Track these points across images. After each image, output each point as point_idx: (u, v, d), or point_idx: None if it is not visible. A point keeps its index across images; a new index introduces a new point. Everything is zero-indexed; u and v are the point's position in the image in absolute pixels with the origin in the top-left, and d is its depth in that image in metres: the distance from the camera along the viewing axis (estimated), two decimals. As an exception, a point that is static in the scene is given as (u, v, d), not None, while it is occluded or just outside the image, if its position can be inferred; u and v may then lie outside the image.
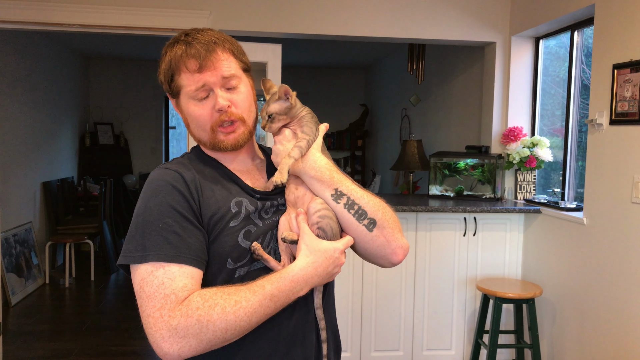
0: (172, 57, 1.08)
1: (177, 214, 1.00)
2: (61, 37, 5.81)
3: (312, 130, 1.10)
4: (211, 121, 1.08)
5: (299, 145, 1.08)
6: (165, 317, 0.92)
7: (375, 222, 1.06)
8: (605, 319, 2.67)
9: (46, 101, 5.74)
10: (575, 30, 3.22)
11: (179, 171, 1.05)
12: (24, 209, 5.14)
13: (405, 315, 3.31)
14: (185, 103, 1.10)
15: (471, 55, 4.24)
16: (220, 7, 3.45)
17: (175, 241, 0.98)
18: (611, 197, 2.63)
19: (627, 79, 2.51)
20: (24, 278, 4.83)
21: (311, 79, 7.94)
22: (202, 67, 1.05)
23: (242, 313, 0.94)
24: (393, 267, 1.13)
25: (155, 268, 0.96)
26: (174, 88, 1.09)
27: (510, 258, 3.39)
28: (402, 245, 1.10)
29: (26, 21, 3.27)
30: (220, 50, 1.07)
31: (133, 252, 0.98)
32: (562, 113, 3.46)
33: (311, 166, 1.08)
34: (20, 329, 4.03)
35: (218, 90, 1.07)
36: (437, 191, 3.73)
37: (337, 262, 1.06)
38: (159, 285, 0.94)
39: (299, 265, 1.02)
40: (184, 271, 0.96)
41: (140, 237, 0.99)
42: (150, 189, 1.03)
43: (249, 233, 1.06)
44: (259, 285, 0.98)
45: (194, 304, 0.93)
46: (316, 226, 1.06)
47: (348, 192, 1.07)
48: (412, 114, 5.82)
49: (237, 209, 1.06)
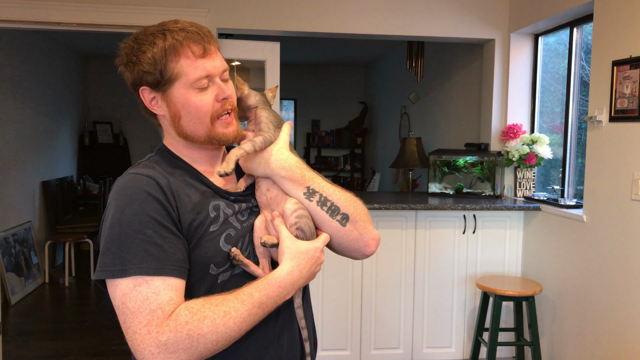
0: (170, 43, 1.01)
1: (156, 223, 0.95)
2: (60, 36, 5.80)
3: (269, 128, 1.09)
4: (212, 111, 1.04)
5: (253, 140, 1.06)
6: (153, 334, 0.89)
7: (348, 216, 1.07)
8: (605, 316, 2.67)
9: (45, 100, 5.73)
10: (575, 27, 3.21)
11: (152, 176, 1.00)
12: (23, 209, 5.14)
13: (405, 313, 3.31)
14: (182, 93, 1.02)
15: (470, 53, 4.23)
16: (218, 5, 3.44)
17: (157, 253, 0.94)
18: (611, 194, 2.62)
19: (627, 75, 2.51)
20: (23, 277, 4.83)
21: (310, 77, 7.93)
22: (206, 52, 1.02)
23: (232, 323, 0.93)
24: (365, 258, 1.16)
25: (137, 282, 0.92)
26: (168, 76, 1.01)
27: (510, 256, 3.39)
28: (374, 237, 1.11)
29: (24, 20, 3.26)
30: (214, 40, 1.06)
31: (110, 266, 0.93)
32: (562, 110, 3.45)
33: (281, 166, 1.06)
34: (20, 329, 4.03)
35: (218, 80, 1.05)
36: (436, 189, 3.73)
37: (318, 261, 1.06)
38: (144, 301, 0.91)
39: (285, 270, 1.01)
40: (168, 284, 0.93)
41: (118, 250, 0.93)
42: (124, 197, 0.98)
43: (230, 237, 1.04)
44: (246, 294, 0.96)
45: (183, 317, 0.91)
46: (295, 227, 1.05)
47: (320, 190, 1.07)
48: (411, 111, 5.81)
49: (216, 213, 1.04)
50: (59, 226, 5.62)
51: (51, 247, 5.50)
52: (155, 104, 1.07)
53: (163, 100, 1.05)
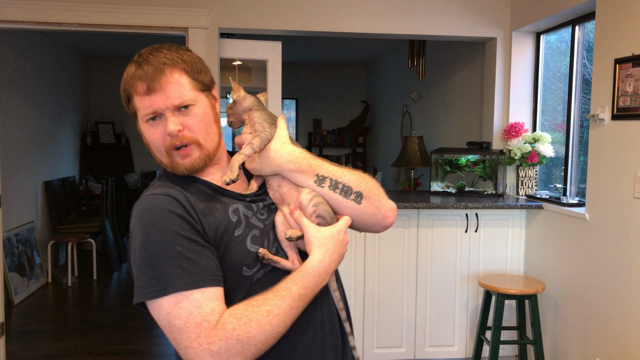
0: (125, 78, 1.07)
1: (183, 238, 0.97)
2: (61, 36, 5.80)
3: (264, 127, 1.10)
4: (164, 144, 1.06)
5: (250, 143, 1.08)
6: (204, 345, 0.92)
7: (362, 194, 1.09)
8: (608, 314, 2.67)
9: (47, 101, 5.74)
10: (577, 25, 3.21)
11: (169, 194, 1.03)
12: (25, 209, 5.14)
13: (407, 311, 3.31)
14: (141, 125, 1.09)
15: (472, 51, 4.22)
16: (220, 4, 3.44)
17: (190, 267, 0.96)
18: (613, 192, 2.62)
19: (629, 73, 2.50)
20: (26, 277, 4.84)
21: (312, 76, 7.93)
22: (150, 90, 1.03)
23: (277, 320, 0.96)
24: (386, 229, 1.17)
25: (178, 300, 0.94)
26: (131, 110, 1.09)
27: (512, 254, 3.39)
28: (390, 208, 1.14)
29: (26, 20, 3.27)
30: (170, 71, 1.04)
31: (148, 288, 0.95)
32: (563, 108, 3.45)
33: (287, 160, 1.08)
34: (23, 329, 4.04)
35: (169, 115, 1.04)
36: (438, 187, 3.73)
37: (344, 242, 1.09)
38: (188, 316, 0.93)
39: (316, 259, 1.03)
40: (207, 295, 0.95)
41: (151, 271, 0.96)
42: (147, 219, 0.99)
43: (255, 237, 1.06)
44: (285, 289, 0.99)
45: (229, 325, 0.93)
46: (314, 215, 1.08)
47: (329, 174, 1.09)
48: (413, 110, 5.80)
49: (237, 217, 1.06)
50: (62, 226, 5.63)
51: (54, 247, 5.51)
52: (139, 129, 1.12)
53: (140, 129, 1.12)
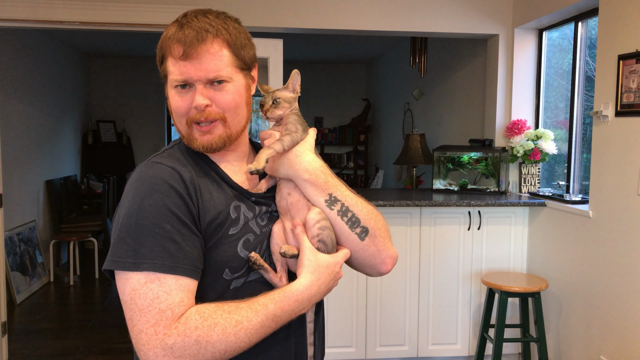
0: (163, 37, 1.00)
1: (175, 218, 0.91)
2: (62, 35, 5.80)
3: (297, 129, 1.04)
4: (187, 115, 0.99)
5: (281, 139, 1.02)
6: (160, 335, 0.86)
7: (368, 230, 1.02)
8: (611, 312, 2.65)
9: (48, 100, 5.73)
10: (579, 21, 3.19)
11: (175, 168, 0.96)
12: (27, 208, 5.14)
13: (410, 310, 3.30)
14: (168, 90, 1.01)
15: (474, 48, 4.21)
16: (221, 2, 3.43)
17: (174, 250, 0.90)
18: (617, 189, 2.61)
19: (633, 69, 2.49)
20: (28, 276, 4.84)
21: (313, 74, 7.91)
22: (186, 55, 0.96)
23: (242, 334, 0.89)
24: (380, 276, 1.10)
25: (149, 279, 0.88)
26: (163, 71, 1.02)
27: (515, 252, 3.38)
28: (391, 255, 1.06)
29: (26, 19, 3.26)
30: (210, 41, 0.97)
31: (123, 257, 0.89)
32: (565, 105, 3.43)
33: (305, 168, 1.01)
34: (25, 328, 4.04)
35: (200, 87, 0.98)
36: (441, 185, 3.71)
37: (337, 276, 1.02)
38: (154, 299, 0.87)
39: (303, 284, 0.97)
40: (180, 283, 0.89)
41: (133, 242, 0.89)
42: (144, 187, 0.93)
43: (248, 242, 0.99)
44: (261, 305, 0.92)
45: (192, 322, 0.87)
46: (317, 239, 1.01)
47: (342, 198, 1.02)
48: (414, 108, 5.79)
49: (237, 214, 1.00)
50: (63, 225, 5.63)
51: (56, 246, 5.51)
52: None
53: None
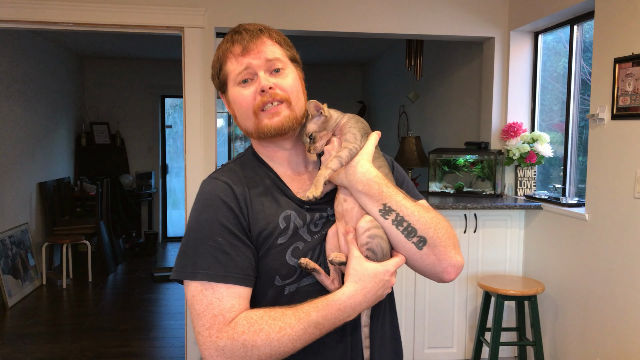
0: (221, 49, 1.09)
1: (227, 231, 1.00)
2: (56, 36, 5.76)
3: (356, 138, 1.04)
4: (253, 104, 1.05)
5: (338, 156, 1.02)
6: (213, 337, 0.95)
7: (426, 240, 1.01)
8: (608, 315, 2.65)
9: (41, 101, 5.69)
10: (575, 25, 3.19)
11: (229, 183, 1.05)
12: (20, 210, 5.10)
13: (406, 313, 3.29)
14: (232, 92, 1.08)
15: (470, 51, 4.21)
16: (216, 4, 3.41)
17: (225, 260, 0.98)
18: (613, 192, 2.60)
19: (629, 72, 2.49)
20: (20, 279, 4.79)
21: (308, 76, 7.80)
22: (245, 50, 1.05)
23: (286, 340, 0.95)
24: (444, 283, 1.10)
25: (204, 287, 0.98)
26: (222, 79, 1.09)
27: (512, 255, 3.37)
28: (454, 264, 1.04)
29: (20, 20, 3.23)
30: (265, 37, 1.07)
31: (185, 268, 1.00)
32: (560, 108, 3.44)
33: (359, 179, 1.01)
34: (17, 331, 4.00)
35: (261, 73, 1.05)
36: (436, 188, 3.71)
37: (387, 284, 1.01)
38: (208, 305, 0.97)
39: (346, 293, 0.98)
40: (232, 291, 0.98)
41: (192, 254, 1.00)
42: (201, 203, 1.04)
43: (297, 250, 1.03)
44: (304, 312, 0.96)
45: (240, 327, 0.95)
46: (365, 247, 1.00)
47: (397, 208, 1.01)
48: (410, 110, 5.79)
49: (286, 224, 1.04)
50: (56, 228, 5.59)
51: (48, 249, 5.46)
52: (227, 105, 1.13)
53: (227, 104, 1.12)
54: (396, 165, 1.19)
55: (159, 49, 6.49)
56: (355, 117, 1.07)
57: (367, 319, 1.06)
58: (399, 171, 1.18)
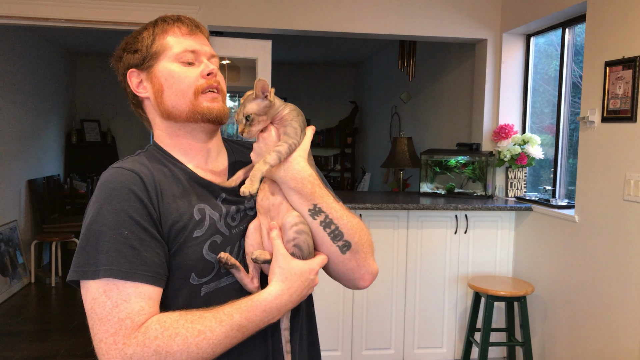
0: (160, 26, 1.05)
1: (134, 223, 0.89)
2: (47, 33, 5.71)
3: (296, 132, 0.98)
4: (197, 85, 1.01)
5: (277, 150, 0.95)
6: (119, 345, 0.84)
7: (350, 245, 0.98)
8: (596, 316, 2.67)
9: (31, 98, 5.64)
10: (567, 28, 3.21)
11: (136, 171, 0.94)
12: (8, 207, 5.05)
13: (396, 313, 3.30)
14: (165, 66, 1.01)
15: (462, 52, 4.22)
16: (209, 2, 3.40)
17: (131, 256, 0.88)
18: (603, 194, 2.63)
19: (619, 76, 2.51)
20: (8, 277, 4.75)
21: (301, 76, 7.90)
22: (192, 32, 1.05)
23: (205, 344, 0.86)
24: (356, 290, 1.07)
25: (108, 287, 0.86)
26: (153, 51, 1.01)
27: (502, 256, 3.39)
28: (371, 272, 1.03)
29: (10, 15, 3.20)
30: (204, 34, 1.08)
31: (84, 267, 0.88)
32: (551, 111, 3.46)
33: (293, 176, 0.96)
34: (5, 330, 3.96)
35: (204, 59, 1.04)
36: (428, 189, 3.72)
37: (311, 284, 0.98)
38: (113, 308, 0.85)
39: (272, 293, 0.93)
40: (140, 291, 0.87)
41: (93, 250, 0.88)
42: (104, 193, 0.92)
43: (215, 244, 0.96)
44: (226, 314, 0.89)
45: (152, 332, 0.85)
46: (292, 243, 0.96)
47: (327, 210, 0.97)
48: (402, 111, 5.80)
49: (201, 216, 0.96)
50: (45, 225, 5.54)
51: (37, 247, 5.42)
52: (141, 86, 1.05)
53: (148, 80, 1.03)
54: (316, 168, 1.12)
55: (151, 47, 6.46)
56: (296, 109, 1.02)
57: (287, 321, 1.00)
58: (319, 173, 1.12)
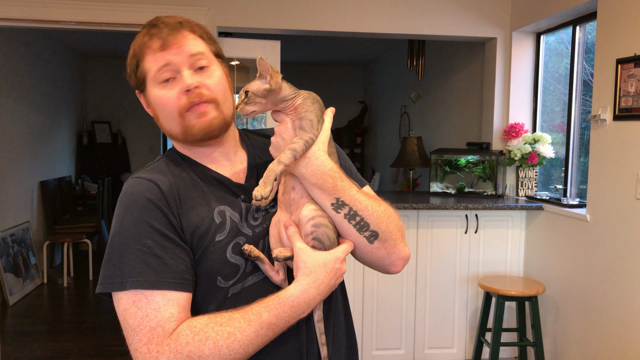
0: (135, 43, 0.99)
1: (155, 232, 0.90)
2: (58, 35, 5.76)
3: (312, 125, 0.94)
4: (178, 105, 0.95)
5: (292, 148, 0.92)
6: (153, 353, 0.85)
7: (378, 234, 0.97)
8: (608, 316, 2.65)
9: (43, 100, 5.70)
10: (577, 25, 3.19)
11: (154, 180, 0.95)
12: (21, 209, 5.10)
13: (406, 313, 3.29)
14: (151, 91, 0.98)
15: (472, 51, 4.21)
16: (219, 3, 3.41)
17: (156, 265, 0.88)
18: (615, 193, 2.60)
19: (631, 73, 2.48)
20: (21, 278, 4.80)
21: (310, 76, 7.90)
22: (165, 45, 0.95)
23: (236, 345, 0.87)
24: (388, 274, 1.05)
25: (137, 298, 0.87)
26: (140, 77, 0.99)
27: (512, 255, 3.37)
28: (402, 257, 1.01)
29: (22, 19, 3.23)
30: (186, 30, 0.98)
31: (111, 279, 0.89)
32: (562, 109, 3.43)
33: (313, 172, 0.94)
34: (18, 330, 4.00)
35: (185, 70, 0.96)
36: (438, 188, 3.70)
37: (338, 273, 0.96)
38: (143, 318, 0.87)
39: (299, 288, 0.91)
40: (168, 298, 0.88)
41: (118, 262, 0.89)
42: (124, 204, 0.93)
43: (238, 246, 0.95)
44: (255, 313, 0.89)
45: (183, 338, 0.86)
46: (311, 236, 0.94)
47: (351, 202, 0.95)
48: (411, 110, 5.78)
49: (221, 219, 0.96)
50: (57, 226, 5.59)
51: (49, 248, 5.47)
52: (146, 106, 1.04)
53: (147, 103, 1.03)
54: (338, 148, 1.09)
55: (161, 48, 6.50)
56: (311, 97, 0.97)
57: (320, 313, 0.98)
58: (339, 152, 1.09)
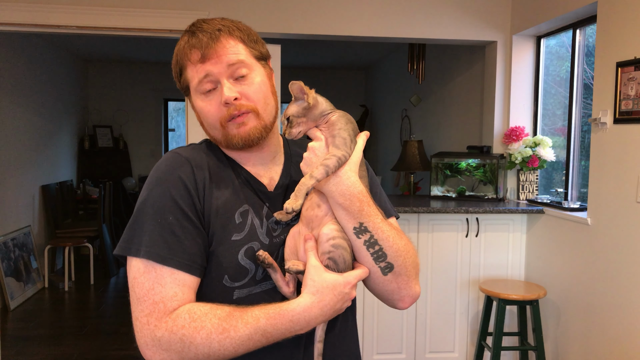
0: (177, 50, 1.02)
1: (179, 210, 0.92)
2: (59, 39, 5.78)
3: (345, 143, 0.94)
4: (219, 116, 0.98)
5: (325, 164, 0.92)
6: (151, 326, 0.89)
7: (393, 267, 0.95)
8: (610, 320, 2.64)
9: (45, 104, 5.71)
10: (577, 29, 3.19)
11: (190, 159, 0.98)
12: (22, 213, 5.11)
13: (407, 317, 3.28)
14: (194, 100, 1.01)
15: (472, 55, 4.21)
16: (219, 7, 3.42)
17: (172, 242, 0.91)
18: (616, 196, 2.60)
19: (632, 77, 2.48)
20: (22, 282, 4.80)
21: (311, 80, 7.88)
22: (204, 57, 0.97)
23: (227, 343, 0.88)
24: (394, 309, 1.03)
25: (147, 269, 0.90)
26: (184, 84, 1.03)
27: (513, 259, 3.36)
28: (412, 294, 1.00)
29: (23, 23, 3.24)
30: (225, 38, 0.99)
31: (129, 243, 0.93)
32: (563, 113, 3.43)
33: (342, 192, 0.93)
34: (19, 334, 4.00)
35: (225, 81, 0.97)
36: (438, 192, 3.70)
37: (346, 297, 0.94)
38: (149, 290, 0.90)
39: (301, 305, 0.90)
40: (175, 277, 0.90)
41: (139, 229, 0.92)
42: (157, 175, 0.96)
43: (252, 250, 0.95)
44: (253, 317, 0.89)
45: (180, 320, 0.88)
46: (327, 256, 0.93)
47: (373, 230, 0.94)
48: (412, 114, 5.79)
49: (242, 219, 0.96)
50: (59, 230, 5.59)
51: (51, 252, 5.47)
52: (193, 109, 1.07)
53: (193, 107, 1.05)
54: (370, 171, 1.09)
55: (162, 53, 6.51)
56: (346, 116, 0.98)
57: (322, 334, 0.97)
58: (373, 179, 1.10)
